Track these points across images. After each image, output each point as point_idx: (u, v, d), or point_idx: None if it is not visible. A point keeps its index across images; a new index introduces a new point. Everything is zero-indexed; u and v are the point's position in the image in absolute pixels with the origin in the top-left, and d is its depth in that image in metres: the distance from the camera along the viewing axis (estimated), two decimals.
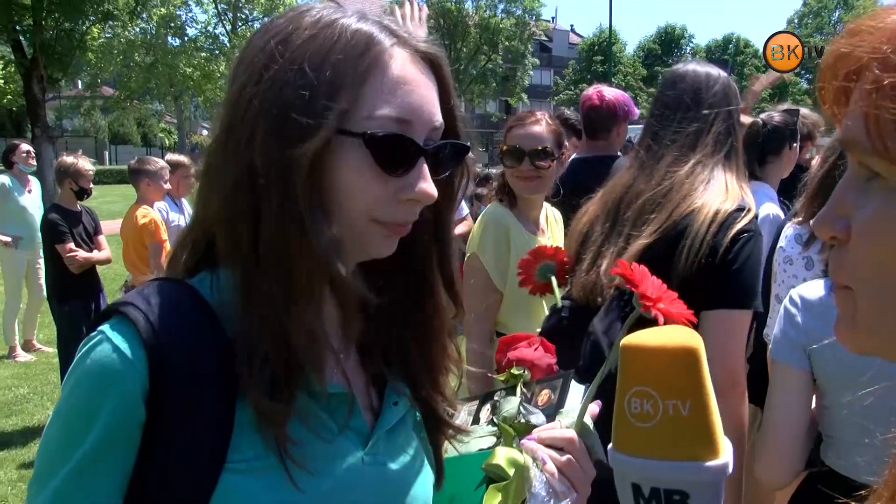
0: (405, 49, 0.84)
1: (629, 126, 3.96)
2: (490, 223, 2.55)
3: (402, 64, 0.83)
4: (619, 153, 3.90)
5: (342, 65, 0.80)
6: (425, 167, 0.84)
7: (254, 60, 0.82)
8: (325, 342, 0.84)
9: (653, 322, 0.95)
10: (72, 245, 5.38)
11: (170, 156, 5.93)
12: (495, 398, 1.10)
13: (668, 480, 0.78)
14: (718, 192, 1.91)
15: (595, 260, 2.00)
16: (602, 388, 0.99)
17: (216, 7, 27.90)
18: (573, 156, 4.16)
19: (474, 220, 4.69)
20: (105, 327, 0.80)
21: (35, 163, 7.39)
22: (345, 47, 0.80)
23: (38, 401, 5.98)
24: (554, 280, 2.08)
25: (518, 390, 1.07)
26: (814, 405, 1.78)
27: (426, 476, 0.97)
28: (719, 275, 1.83)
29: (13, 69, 20.44)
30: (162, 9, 23.37)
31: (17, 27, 19.07)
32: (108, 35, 21.91)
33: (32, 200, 7.13)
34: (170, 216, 5.37)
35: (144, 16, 22.63)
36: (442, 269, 0.96)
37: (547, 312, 2.21)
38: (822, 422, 1.74)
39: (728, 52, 63.34)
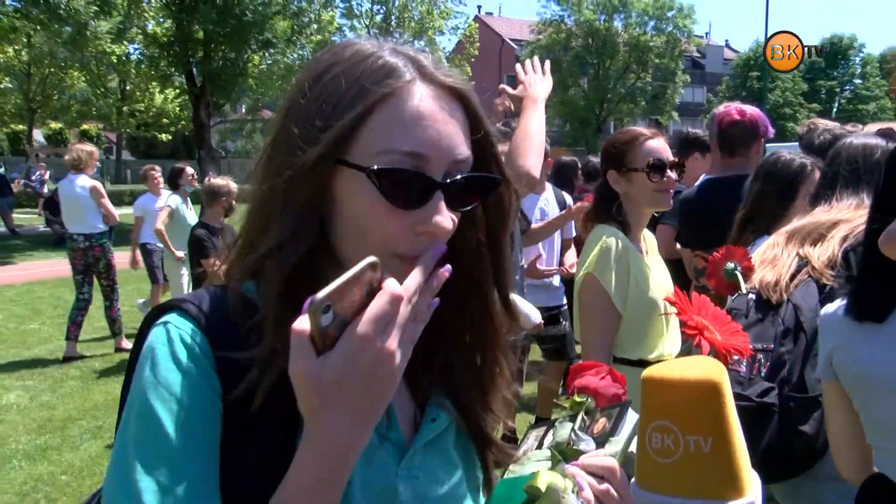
0: (427, 83, 0.85)
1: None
2: (610, 246, 2.48)
3: (420, 99, 0.84)
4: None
5: (356, 94, 0.83)
6: (441, 202, 0.84)
7: (290, 95, 0.89)
8: None
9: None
10: (214, 260, 5.69)
11: None
12: (556, 424, 1.10)
13: None
14: None
15: (772, 265, 2.32)
16: None
17: (368, 32, 29.12)
18: (703, 176, 3.94)
19: None
20: (168, 317, 0.85)
21: (198, 184, 8.02)
22: (363, 79, 0.84)
23: None
24: (740, 276, 2.28)
25: (579, 417, 1.07)
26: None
27: (462, 494, 0.96)
28: None
29: (186, 97, 22.36)
30: (318, 35, 24.65)
31: (191, 59, 20.90)
32: (268, 62, 23.49)
33: (193, 219, 7.69)
34: None
35: (301, 42, 24.02)
36: (498, 286, 0.97)
37: (665, 334, 2.50)
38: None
39: None
